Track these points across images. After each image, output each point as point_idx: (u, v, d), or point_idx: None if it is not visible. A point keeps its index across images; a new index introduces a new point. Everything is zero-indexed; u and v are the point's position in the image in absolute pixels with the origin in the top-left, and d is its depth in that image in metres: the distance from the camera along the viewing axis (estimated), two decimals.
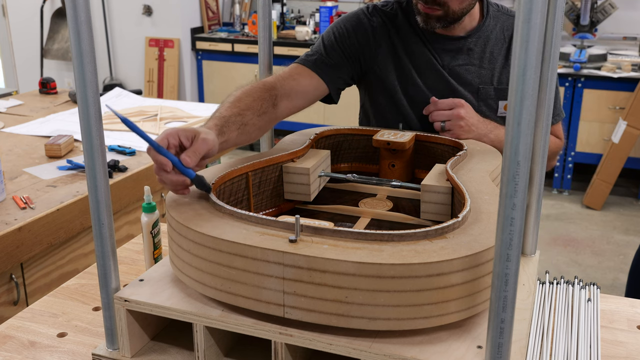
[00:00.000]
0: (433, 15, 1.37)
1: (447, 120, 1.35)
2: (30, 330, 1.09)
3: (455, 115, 1.34)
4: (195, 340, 0.88)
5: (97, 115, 0.83)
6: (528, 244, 1.10)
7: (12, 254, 1.51)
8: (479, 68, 1.45)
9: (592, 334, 1.03)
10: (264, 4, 1.28)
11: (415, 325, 0.80)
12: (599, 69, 3.96)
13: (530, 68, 0.64)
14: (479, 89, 1.45)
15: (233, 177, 1.07)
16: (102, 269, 0.90)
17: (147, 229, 1.16)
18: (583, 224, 3.75)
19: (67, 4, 0.78)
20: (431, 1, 1.35)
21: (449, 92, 1.44)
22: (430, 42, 1.45)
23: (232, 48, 4.82)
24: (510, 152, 0.66)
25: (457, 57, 1.45)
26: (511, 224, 0.68)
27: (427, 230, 0.83)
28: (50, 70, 5.22)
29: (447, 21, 1.38)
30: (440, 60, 1.45)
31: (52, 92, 2.94)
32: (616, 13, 4.20)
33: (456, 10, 1.37)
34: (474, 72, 1.45)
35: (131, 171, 1.93)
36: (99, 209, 0.87)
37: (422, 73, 1.45)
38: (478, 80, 1.45)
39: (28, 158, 2.03)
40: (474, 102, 1.44)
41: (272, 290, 0.81)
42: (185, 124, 2.44)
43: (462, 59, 1.45)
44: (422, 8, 1.37)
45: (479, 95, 1.45)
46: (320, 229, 0.84)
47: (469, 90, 1.45)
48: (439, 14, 1.36)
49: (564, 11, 1.09)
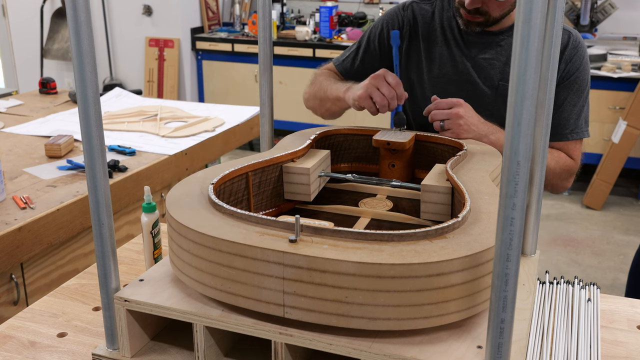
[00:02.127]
0: (474, 21, 1.45)
1: (446, 119, 1.34)
2: (30, 330, 1.09)
3: (454, 114, 1.33)
4: (195, 340, 0.88)
5: (97, 115, 0.83)
6: (528, 244, 1.10)
7: (12, 254, 1.51)
8: (504, 65, 1.48)
9: (592, 334, 1.03)
10: (264, 4, 1.28)
11: (415, 325, 0.80)
12: (599, 69, 3.96)
13: (530, 68, 0.64)
14: (498, 85, 1.48)
15: (233, 177, 1.07)
16: (102, 269, 0.90)
17: (147, 228, 1.16)
18: (583, 224, 3.75)
19: (67, 4, 0.78)
20: (474, 11, 1.42)
21: (466, 84, 1.50)
22: (463, 34, 1.51)
23: (232, 48, 4.82)
24: (510, 152, 0.67)
25: (485, 51, 1.50)
26: (511, 224, 0.68)
27: (427, 230, 0.83)
28: (50, 70, 5.22)
29: (487, 25, 1.46)
30: (467, 52, 1.51)
31: (52, 92, 2.94)
32: (616, 13, 4.20)
33: (497, 17, 1.44)
34: (497, 68, 1.48)
35: (131, 171, 1.93)
36: (99, 209, 0.87)
37: (444, 64, 1.52)
38: (500, 76, 1.48)
39: (28, 158, 2.03)
40: (491, 97, 1.48)
41: (272, 290, 0.81)
42: (185, 124, 2.44)
43: (490, 53, 1.49)
44: (465, 15, 1.45)
45: (498, 91, 1.48)
46: (320, 229, 0.84)
47: (487, 85, 1.49)
48: (480, 21, 1.44)
49: (564, 11, 1.09)
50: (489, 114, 1.42)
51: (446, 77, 1.52)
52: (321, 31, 4.71)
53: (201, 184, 1.03)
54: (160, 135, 2.29)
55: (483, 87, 1.48)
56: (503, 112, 1.48)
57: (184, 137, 2.29)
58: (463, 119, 1.33)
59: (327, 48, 4.56)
